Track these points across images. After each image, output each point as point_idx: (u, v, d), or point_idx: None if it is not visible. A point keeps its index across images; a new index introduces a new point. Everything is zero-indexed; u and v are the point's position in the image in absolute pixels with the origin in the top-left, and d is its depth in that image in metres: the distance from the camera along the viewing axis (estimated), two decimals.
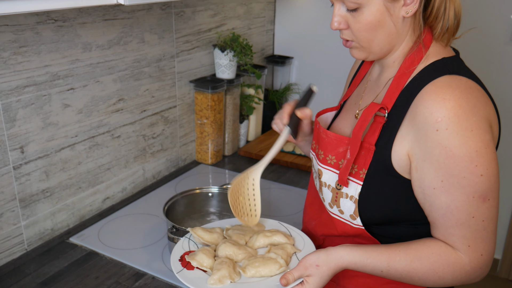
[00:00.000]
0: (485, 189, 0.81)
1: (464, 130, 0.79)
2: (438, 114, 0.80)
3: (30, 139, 1.23)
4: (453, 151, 0.80)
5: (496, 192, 0.84)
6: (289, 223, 1.42)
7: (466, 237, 0.85)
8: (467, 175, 0.81)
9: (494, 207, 0.84)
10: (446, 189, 0.83)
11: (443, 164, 0.82)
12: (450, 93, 0.81)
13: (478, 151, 0.80)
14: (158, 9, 1.53)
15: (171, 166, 1.75)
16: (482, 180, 0.81)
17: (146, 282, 1.16)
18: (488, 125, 0.82)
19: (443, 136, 0.80)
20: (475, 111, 0.81)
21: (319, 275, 0.89)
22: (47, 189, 1.31)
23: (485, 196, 0.82)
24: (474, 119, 0.80)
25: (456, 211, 0.83)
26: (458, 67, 0.87)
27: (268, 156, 1.08)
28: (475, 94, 0.82)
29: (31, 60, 1.19)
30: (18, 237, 1.25)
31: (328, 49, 2.14)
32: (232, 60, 1.76)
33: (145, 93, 1.56)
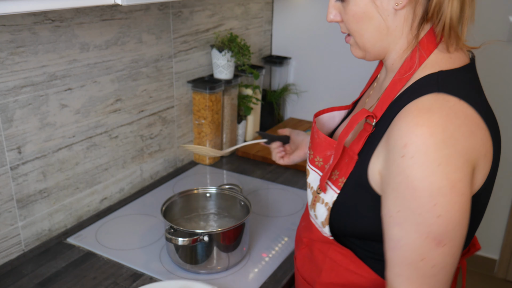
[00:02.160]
0: (441, 232, 0.72)
1: (429, 163, 0.70)
2: (406, 139, 0.72)
3: (27, 140, 1.23)
4: (414, 183, 0.71)
5: (457, 240, 0.73)
6: (288, 223, 1.43)
7: (411, 280, 0.76)
8: (423, 212, 0.72)
9: (450, 255, 0.73)
10: (400, 221, 0.74)
11: (402, 193, 0.73)
12: (426, 118, 0.71)
13: (440, 189, 0.70)
14: (156, 9, 1.53)
15: (168, 167, 1.75)
16: (438, 222, 0.71)
17: (144, 283, 1.16)
18: (464, 161, 0.71)
19: (407, 164, 0.72)
20: (451, 143, 0.70)
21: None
22: (45, 189, 1.30)
23: (440, 240, 0.72)
24: (446, 152, 0.70)
25: (406, 247, 0.74)
26: (455, 84, 0.76)
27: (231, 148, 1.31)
28: (458, 122, 0.72)
29: (28, 60, 1.18)
30: (15, 237, 1.25)
31: (326, 50, 2.15)
32: (230, 61, 1.76)
33: (143, 94, 1.56)
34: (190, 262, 1.18)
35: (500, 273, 2.42)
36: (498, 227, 2.34)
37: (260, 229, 1.39)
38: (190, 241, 1.13)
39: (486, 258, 2.43)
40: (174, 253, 1.20)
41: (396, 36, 0.83)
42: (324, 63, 2.17)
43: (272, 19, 2.24)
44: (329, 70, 2.16)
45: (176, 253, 1.19)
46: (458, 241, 0.73)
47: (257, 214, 1.47)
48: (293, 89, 2.27)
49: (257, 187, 1.64)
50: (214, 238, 1.16)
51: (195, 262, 1.18)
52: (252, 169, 1.78)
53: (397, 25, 0.82)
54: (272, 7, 2.22)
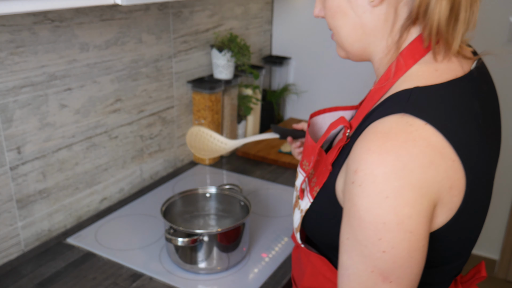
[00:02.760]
0: (387, 268, 0.65)
1: (376, 194, 0.63)
2: (357, 165, 0.65)
3: (27, 140, 1.23)
4: (359, 213, 0.65)
5: (406, 278, 0.66)
6: (287, 224, 1.42)
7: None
8: (368, 245, 0.65)
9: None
10: (348, 249, 0.68)
11: (350, 221, 0.67)
12: (379, 144, 0.64)
13: (386, 224, 0.63)
14: (156, 9, 1.53)
15: (168, 167, 1.75)
16: (384, 257, 0.65)
17: (144, 283, 1.16)
18: (418, 196, 0.63)
19: (355, 192, 0.65)
20: (403, 174, 0.62)
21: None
22: (44, 189, 1.30)
23: (386, 276, 0.66)
24: (396, 185, 0.62)
25: (352, 277, 0.68)
26: (427, 104, 0.66)
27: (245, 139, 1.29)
28: (415, 151, 0.63)
29: (28, 61, 1.18)
30: (15, 238, 1.25)
31: (326, 50, 2.14)
32: (230, 61, 1.76)
33: (143, 94, 1.55)
34: (190, 262, 1.18)
35: (500, 274, 2.42)
36: (498, 228, 2.34)
37: (260, 229, 1.39)
38: (190, 241, 1.13)
39: (486, 258, 2.43)
40: (174, 253, 1.20)
41: (376, 38, 0.76)
42: (324, 63, 2.17)
43: (272, 19, 2.24)
44: (329, 70, 2.16)
45: (176, 253, 1.19)
46: (408, 279, 0.66)
47: (257, 214, 1.47)
48: (293, 89, 2.27)
49: (257, 187, 1.64)
50: (214, 238, 1.16)
51: (195, 262, 1.18)
52: (252, 169, 1.78)
53: (376, 25, 0.74)
54: (272, 7, 2.22)
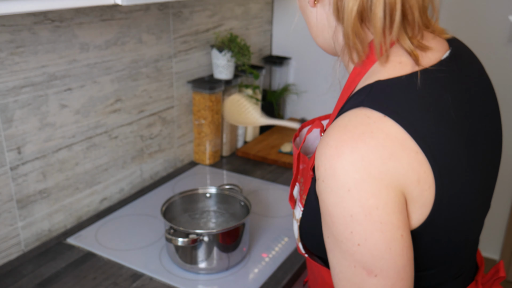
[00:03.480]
0: (367, 262, 0.64)
1: (339, 188, 0.62)
2: (318, 161, 0.65)
3: (27, 140, 1.23)
4: (328, 209, 0.65)
5: (390, 271, 0.64)
6: (288, 224, 1.42)
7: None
8: (344, 240, 0.65)
9: (386, 286, 0.64)
10: (330, 248, 0.68)
11: (325, 219, 0.67)
12: (337, 138, 0.63)
13: (353, 216, 0.62)
14: (156, 9, 1.53)
15: (168, 167, 1.75)
16: (360, 250, 0.64)
17: (144, 283, 1.16)
18: (382, 187, 0.62)
19: (321, 188, 0.65)
20: (362, 166, 0.61)
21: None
22: (44, 190, 1.30)
23: (369, 270, 0.64)
24: (356, 177, 0.61)
25: (340, 276, 0.68)
26: (386, 96, 0.65)
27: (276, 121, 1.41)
28: (373, 143, 0.62)
29: (28, 61, 1.18)
30: (15, 238, 1.25)
31: None
32: (230, 61, 1.76)
33: (143, 94, 1.55)
34: (190, 262, 1.18)
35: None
36: (498, 227, 2.34)
37: (260, 229, 1.39)
38: (190, 241, 1.13)
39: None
40: (174, 253, 1.20)
41: (328, 35, 0.77)
42: (324, 63, 2.17)
43: (272, 19, 2.24)
44: (329, 70, 2.16)
45: (176, 254, 1.19)
46: (394, 272, 0.64)
47: (257, 214, 1.47)
48: (293, 89, 2.27)
49: (257, 187, 1.64)
50: (214, 238, 1.16)
51: (195, 262, 1.18)
52: (252, 170, 1.78)
53: (322, 23, 0.77)
54: (272, 7, 2.22)
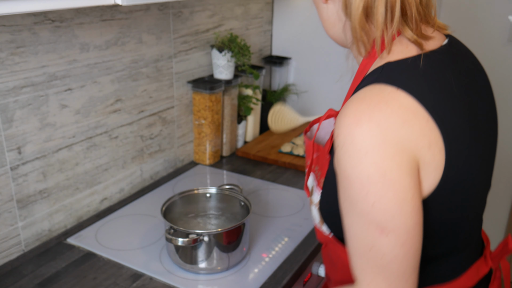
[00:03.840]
0: (380, 220, 0.70)
1: (356, 152, 0.69)
2: (338, 131, 0.73)
3: (27, 140, 1.23)
4: (346, 173, 0.72)
5: (402, 229, 0.70)
6: (288, 224, 1.43)
7: (366, 271, 0.74)
8: (359, 201, 0.71)
9: (398, 245, 0.71)
10: (346, 211, 0.75)
11: (342, 183, 0.74)
12: (354, 108, 0.71)
13: (370, 177, 0.69)
14: (156, 9, 1.53)
15: (169, 167, 1.75)
16: (374, 210, 0.70)
17: (144, 283, 1.16)
18: (396, 151, 0.69)
19: (339, 155, 0.72)
20: (378, 132, 0.69)
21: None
22: (45, 190, 1.30)
23: (382, 228, 0.70)
24: (373, 141, 0.69)
25: (355, 237, 0.74)
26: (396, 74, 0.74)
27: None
28: (388, 111, 0.70)
29: (28, 61, 1.18)
30: (15, 238, 1.25)
31: (326, 50, 2.15)
32: (230, 61, 1.76)
33: (143, 94, 1.56)
34: (190, 262, 1.18)
35: None
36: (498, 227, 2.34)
37: (260, 229, 1.39)
38: (190, 241, 1.13)
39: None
40: (174, 253, 1.20)
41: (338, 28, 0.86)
42: (324, 63, 2.17)
43: (272, 19, 2.24)
44: (329, 70, 2.16)
45: (176, 254, 1.19)
46: (404, 230, 0.70)
47: (257, 214, 1.47)
48: (293, 89, 2.27)
49: (257, 187, 1.64)
50: (214, 238, 1.16)
51: (195, 262, 1.18)
52: (252, 170, 1.78)
53: (334, 18, 0.85)
54: (272, 7, 2.22)
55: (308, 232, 1.38)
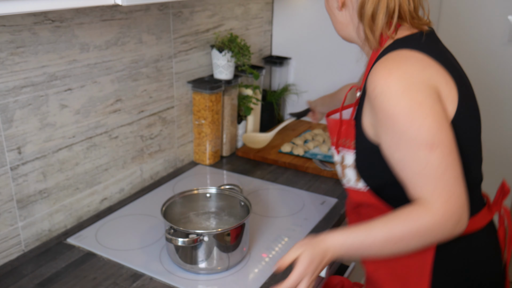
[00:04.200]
0: (427, 138, 0.89)
1: (394, 93, 0.90)
2: (373, 84, 0.93)
3: (27, 140, 1.23)
4: (390, 112, 0.91)
5: (446, 141, 0.90)
6: (288, 224, 1.43)
7: (426, 187, 0.91)
8: (407, 130, 0.90)
9: (446, 155, 0.89)
10: (397, 145, 0.92)
11: (387, 124, 0.92)
12: (383, 66, 0.94)
13: (411, 108, 0.89)
14: (156, 9, 1.53)
15: (169, 167, 1.75)
16: (421, 131, 0.89)
17: (144, 283, 1.16)
18: (424, 87, 0.91)
19: (380, 101, 0.92)
20: (407, 76, 0.91)
21: (307, 252, 0.97)
22: (45, 190, 1.30)
23: (431, 145, 0.89)
24: (405, 83, 0.90)
25: (410, 163, 0.91)
26: (406, 43, 0.99)
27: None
28: (409, 61, 0.94)
29: (28, 61, 1.19)
30: (15, 238, 1.25)
31: (326, 50, 2.15)
32: (230, 61, 1.76)
33: (143, 94, 1.56)
34: (190, 262, 1.18)
35: None
36: None
37: (260, 229, 1.39)
38: (190, 241, 1.13)
39: None
40: (174, 253, 1.20)
41: (351, 29, 1.09)
42: (324, 63, 2.17)
43: (272, 19, 2.24)
44: (329, 70, 2.16)
45: (176, 254, 1.19)
46: (448, 142, 0.90)
47: (257, 214, 1.47)
48: (293, 89, 2.27)
49: (257, 187, 1.64)
50: (214, 238, 1.16)
51: (195, 262, 1.18)
52: (252, 170, 1.78)
53: (347, 21, 1.09)
54: (272, 7, 2.23)
55: (308, 232, 1.38)
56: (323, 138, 1.96)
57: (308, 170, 1.76)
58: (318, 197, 1.58)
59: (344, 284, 1.40)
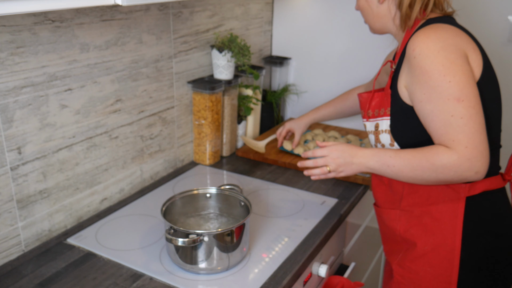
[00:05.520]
0: (455, 92, 1.05)
1: (431, 52, 1.07)
2: (413, 46, 1.10)
3: (27, 140, 1.23)
4: (425, 68, 1.08)
5: (471, 95, 1.05)
6: (288, 224, 1.43)
7: (450, 133, 1.06)
8: (439, 83, 1.06)
9: (470, 107, 1.05)
10: (428, 99, 1.08)
11: (422, 80, 1.09)
12: (422, 33, 1.11)
13: (444, 65, 1.06)
14: (156, 9, 1.53)
15: (169, 167, 1.75)
16: (451, 85, 1.05)
17: (144, 283, 1.16)
18: (455, 49, 1.08)
19: (418, 60, 1.09)
20: (442, 39, 1.08)
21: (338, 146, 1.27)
22: (45, 190, 1.30)
23: (458, 98, 1.05)
24: (440, 44, 1.07)
25: (439, 113, 1.07)
26: (436, 20, 1.16)
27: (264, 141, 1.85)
28: (444, 29, 1.11)
29: (28, 61, 1.19)
30: (15, 238, 1.25)
31: (326, 50, 2.15)
32: (230, 61, 1.76)
33: (143, 94, 1.56)
34: (190, 263, 1.18)
35: None
36: None
37: (260, 229, 1.39)
38: (190, 242, 1.13)
39: None
40: (174, 253, 1.20)
41: (387, 19, 1.26)
42: (324, 63, 2.17)
43: (272, 19, 2.24)
44: (329, 70, 2.16)
45: (176, 254, 1.19)
46: (473, 95, 1.05)
47: (257, 214, 1.47)
48: (293, 90, 2.27)
49: (257, 187, 1.65)
50: (214, 238, 1.16)
51: (195, 263, 1.18)
52: (252, 170, 1.78)
53: (384, 13, 1.25)
54: (272, 8, 2.23)
55: (308, 232, 1.38)
56: (323, 138, 1.96)
57: None
58: (318, 197, 1.58)
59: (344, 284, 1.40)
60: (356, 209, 1.68)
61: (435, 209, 1.18)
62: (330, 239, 1.47)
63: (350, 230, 1.71)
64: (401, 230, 1.26)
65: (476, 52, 1.11)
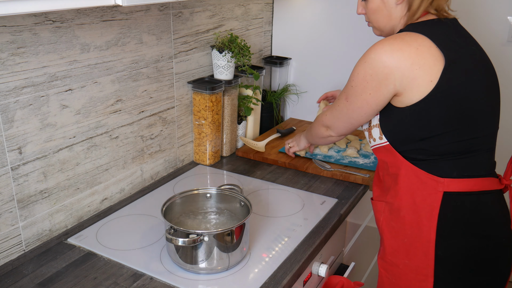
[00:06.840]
0: (348, 93, 1.27)
1: (363, 58, 1.21)
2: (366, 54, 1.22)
3: (28, 140, 1.23)
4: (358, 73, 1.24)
5: (354, 101, 1.25)
6: (288, 224, 1.43)
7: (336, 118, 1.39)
8: (347, 83, 1.29)
9: (349, 107, 1.28)
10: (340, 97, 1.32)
11: (346, 87, 1.30)
12: (384, 40, 1.18)
13: (358, 73, 1.22)
14: (156, 10, 1.53)
15: (169, 167, 1.75)
16: (348, 88, 1.27)
17: (144, 283, 1.16)
18: (380, 69, 1.16)
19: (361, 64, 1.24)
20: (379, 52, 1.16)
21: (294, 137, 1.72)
22: (45, 190, 1.31)
23: (346, 98, 1.27)
24: (372, 56, 1.18)
25: (337, 110, 1.35)
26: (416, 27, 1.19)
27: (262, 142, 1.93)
28: (397, 43, 1.16)
29: (29, 61, 1.19)
30: (16, 238, 1.25)
31: (326, 50, 2.15)
32: (230, 61, 1.77)
33: (143, 94, 1.56)
34: (190, 262, 1.19)
35: None
36: None
37: (260, 229, 1.39)
38: (191, 241, 1.13)
39: None
40: (175, 253, 1.20)
41: (397, 21, 1.28)
42: (324, 63, 2.18)
43: (272, 19, 2.25)
44: (329, 70, 2.17)
45: (176, 253, 1.20)
46: (356, 103, 1.25)
47: (257, 214, 1.47)
48: (293, 90, 2.28)
49: (257, 187, 1.65)
50: (214, 238, 1.16)
51: (195, 262, 1.18)
52: (252, 170, 1.78)
53: (398, 14, 1.27)
54: (272, 8, 2.23)
55: (308, 232, 1.39)
56: None
57: (308, 170, 1.76)
58: (318, 197, 1.59)
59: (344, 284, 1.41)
60: (356, 209, 1.68)
61: (414, 201, 1.23)
62: (330, 239, 1.47)
63: (350, 230, 1.72)
64: (384, 222, 1.32)
65: (429, 70, 1.13)
